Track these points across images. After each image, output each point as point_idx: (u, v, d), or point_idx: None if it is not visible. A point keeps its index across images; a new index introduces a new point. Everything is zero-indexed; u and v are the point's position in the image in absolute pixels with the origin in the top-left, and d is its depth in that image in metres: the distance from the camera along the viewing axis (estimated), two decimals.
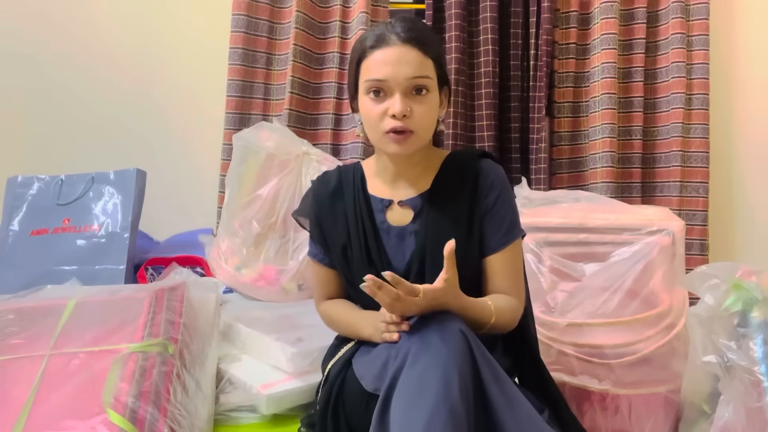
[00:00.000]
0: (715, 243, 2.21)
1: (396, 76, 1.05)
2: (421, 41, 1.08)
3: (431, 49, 1.09)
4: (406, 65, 1.06)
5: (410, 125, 1.06)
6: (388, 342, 1.01)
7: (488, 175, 1.14)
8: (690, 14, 2.19)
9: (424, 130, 1.09)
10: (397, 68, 1.06)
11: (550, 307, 1.47)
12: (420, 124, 1.07)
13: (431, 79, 1.08)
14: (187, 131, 2.33)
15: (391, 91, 1.06)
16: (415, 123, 1.07)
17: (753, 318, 1.20)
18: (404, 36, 1.07)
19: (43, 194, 1.82)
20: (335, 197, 1.20)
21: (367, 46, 1.09)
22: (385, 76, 1.06)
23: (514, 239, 1.13)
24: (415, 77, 1.06)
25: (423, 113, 1.07)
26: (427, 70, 1.08)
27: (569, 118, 2.25)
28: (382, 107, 1.07)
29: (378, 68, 1.07)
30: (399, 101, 1.05)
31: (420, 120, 1.07)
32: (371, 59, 1.08)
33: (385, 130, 1.07)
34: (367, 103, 1.09)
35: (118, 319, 1.21)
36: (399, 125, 1.06)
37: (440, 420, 0.83)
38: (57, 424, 0.96)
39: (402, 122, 1.06)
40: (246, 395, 1.28)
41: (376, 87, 1.07)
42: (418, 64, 1.06)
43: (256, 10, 2.18)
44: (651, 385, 1.35)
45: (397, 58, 1.06)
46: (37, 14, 2.28)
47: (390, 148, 1.09)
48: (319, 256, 1.23)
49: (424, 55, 1.07)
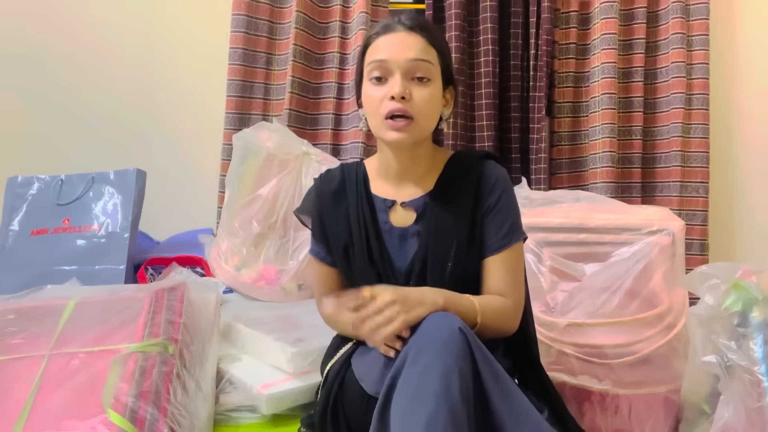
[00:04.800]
0: (715, 243, 2.21)
1: (397, 57, 1.07)
2: (425, 29, 1.10)
3: (436, 39, 1.11)
4: (408, 48, 1.07)
5: (409, 109, 1.06)
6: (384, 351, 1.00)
7: (491, 177, 1.13)
8: (690, 14, 2.19)
9: (424, 117, 1.08)
10: (399, 50, 1.07)
11: (550, 307, 1.47)
12: (420, 109, 1.07)
13: (433, 65, 1.09)
14: (187, 131, 2.33)
15: (391, 73, 1.07)
16: (415, 108, 1.07)
17: (753, 318, 1.20)
18: (408, 23, 1.09)
19: (43, 194, 1.82)
20: (338, 196, 1.20)
21: (373, 33, 1.12)
22: (386, 57, 1.07)
23: (514, 242, 1.12)
24: (416, 59, 1.07)
25: (423, 98, 1.07)
26: (429, 56, 1.09)
27: (569, 118, 2.25)
28: (382, 91, 1.08)
29: (380, 50, 1.09)
30: (398, 82, 1.06)
31: (420, 105, 1.07)
32: (375, 44, 1.10)
33: (385, 115, 1.07)
34: (369, 89, 1.10)
35: (118, 319, 1.21)
36: (398, 107, 1.06)
37: (441, 419, 0.83)
38: (57, 424, 0.96)
39: (401, 104, 1.06)
40: (246, 395, 1.28)
41: (377, 69, 1.08)
42: (421, 49, 1.08)
43: (256, 10, 2.18)
44: (651, 385, 1.35)
45: (400, 40, 1.08)
46: (37, 15, 2.28)
47: (389, 135, 1.08)
48: (321, 254, 1.23)
49: (427, 42, 1.09)
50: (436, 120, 1.14)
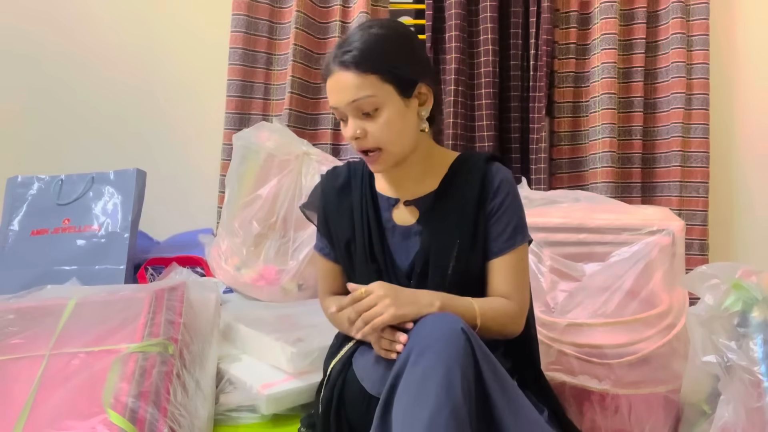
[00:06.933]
0: (715, 243, 2.21)
1: (340, 103, 1.07)
2: (356, 61, 1.04)
3: (371, 65, 1.04)
4: (344, 91, 1.05)
5: (366, 145, 1.08)
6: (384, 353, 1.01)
7: (495, 178, 1.13)
8: (690, 14, 2.19)
9: (388, 143, 1.08)
10: (340, 95, 1.07)
11: (550, 307, 1.47)
12: (379, 140, 1.07)
13: (374, 96, 1.04)
14: (187, 131, 2.33)
15: (344, 116, 1.09)
16: (374, 140, 1.07)
17: (753, 318, 1.20)
18: (340, 59, 1.05)
19: (43, 194, 1.82)
20: (343, 192, 1.20)
21: (322, 74, 1.12)
22: (334, 104, 1.09)
23: (518, 244, 1.12)
24: (353, 101, 1.05)
25: (377, 129, 1.06)
26: (365, 90, 1.04)
27: (569, 118, 2.25)
28: (347, 133, 1.10)
29: (330, 96, 1.09)
30: (348, 126, 1.08)
31: (378, 137, 1.06)
32: (326, 86, 1.10)
33: (357, 151, 1.11)
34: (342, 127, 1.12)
35: (118, 319, 1.21)
36: (362, 146, 1.08)
37: (442, 419, 0.83)
38: (57, 424, 0.96)
39: (359, 143, 1.08)
40: (246, 395, 1.28)
41: (335, 113, 1.10)
42: (355, 87, 1.04)
43: (256, 10, 2.18)
44: (651, 385, 1.35)
45: (337, 85, 1.07)
46: (37, 14, 2.28)
47: (371, 168, 1.13)
48: (325, 250, 1.24)
49: (361, 74, 1.03)
50: (410, 134, 1.10)
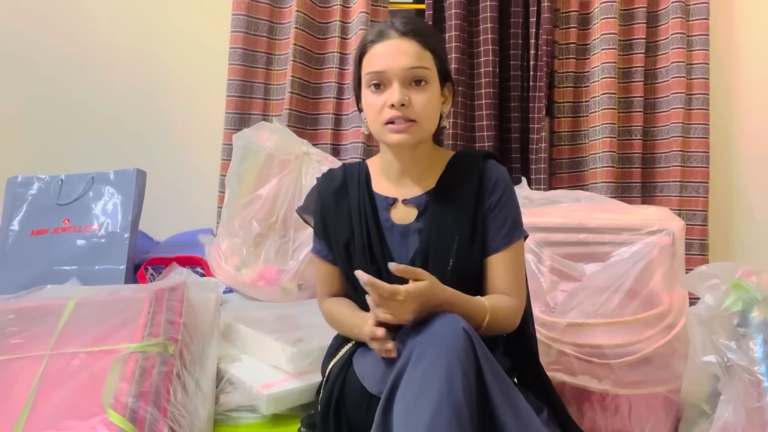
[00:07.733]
0: (715, 243, 2.21)
1: (394, 67, 1.08)
2: (418, 33, 1.10)
3: (430, 42, 1.12)
4: (404, 56, 1.08)
5: (410, 114, 1.08)
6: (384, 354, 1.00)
7: (492, 176, 1.15)
8: (690, 14, 2.19)
9: (425, 119, 1.10)
10: (395, 59, 1.08)
11: (550, 307, 1.47)
12: (420, 113, 1.09)
13: (429, 69, 1.10)
14: (187, 131, 2.33)
15: (389, 82, 1.09)
16: (415, 112, 1.08)
17: (753, 318, 1.20)
18: (402, 29, 1.10)
19: (43, 194, 1.82)
20: (340, 194, 1.20)
21: (368, 41, 1.13)
22: (383, 68, 1.08)
23: (516, 239, 1.13)
24: (412, 67, 1.08)
25: (422, 102, 1.09)
26: (425, 61, 1.10)
27: (569, 118, 2.25)
28: (381, 99, 1.09)
29: (377, 61, 1.10)
30: (397, 90, 1.07)
31: (420, 109, 1.09)
32: (371, 53, 1.11)
33: (385, 121, 1.09)
34: (368, 97, 1.12)
35: (118, 319, 1.21)
36: (398, 114, 1.08)
37: (444, 419, 0.83)
38: (57, 424, 0.96)
39: (401, 111, 1.08)
40: (246, 395, 1.28)
41: (375, 79, 1.10)
42: (416, 55, 1.09)
43: (256, 10, 2.18)
44: (651, 385, 1.35)
45: (395, 49, 1.09)
46: (36, 15, 2.27)
47: (392, 138, 1.10)
48: (323, 252, 1.23)
49: (421, 46, 1.10)
50: (437, 120, 1.15)
